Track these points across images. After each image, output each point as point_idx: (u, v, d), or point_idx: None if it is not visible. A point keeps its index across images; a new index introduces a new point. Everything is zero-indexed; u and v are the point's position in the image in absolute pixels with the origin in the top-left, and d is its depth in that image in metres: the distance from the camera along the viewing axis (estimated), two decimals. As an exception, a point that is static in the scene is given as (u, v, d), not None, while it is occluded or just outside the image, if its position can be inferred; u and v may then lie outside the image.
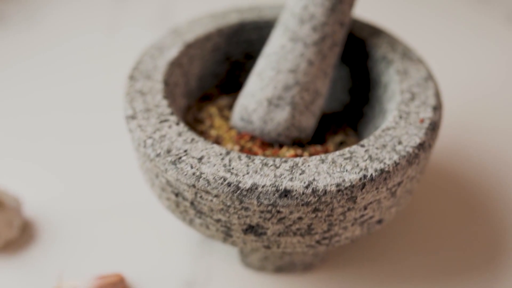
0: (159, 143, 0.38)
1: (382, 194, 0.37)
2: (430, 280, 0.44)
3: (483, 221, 0.48)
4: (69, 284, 0.43)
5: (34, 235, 0.48)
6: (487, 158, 0.54)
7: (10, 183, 0.50)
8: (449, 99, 0.56)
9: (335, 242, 0.39)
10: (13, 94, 0.61)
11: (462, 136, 0.56)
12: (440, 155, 0.54)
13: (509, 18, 0.72)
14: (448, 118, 0.56)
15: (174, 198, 0.38)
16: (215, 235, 0.39)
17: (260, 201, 0.35)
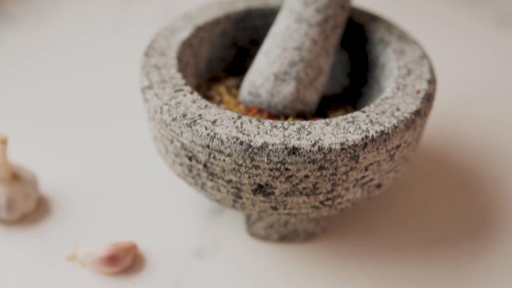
0: (175, 108, 0.40)
1: (381, 156, 0.40)
2: (422, 250, 0.47)
3: (472, 198, 0.51)
4: (85, 250, 0.45)
5: (49, 209, 0.50)
6: (475, 143, 0.57)
7: (26, 161, 0.52)
8: (441, 93, 0.59)
9: (338, 204, 0.41)
10: (26, 86, 0.64)
11: (453, 125, 0.60)
12: (432, 141, 0.57)
13: (498, 22, 0.76)
14: (440, 109, 0.60)
15: (187, 163, 0.41)
16: (226, 198, 0.41)
17: (270, 159, 0.38)
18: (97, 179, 0.52)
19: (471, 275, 0.45)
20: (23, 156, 0.52)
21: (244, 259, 0.46)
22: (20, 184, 0.48)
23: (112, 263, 0.44)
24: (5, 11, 0.76)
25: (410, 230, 0.48)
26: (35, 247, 0.47)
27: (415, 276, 0.45)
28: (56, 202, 0.50)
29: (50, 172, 0.52)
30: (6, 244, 0.47)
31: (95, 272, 0.45)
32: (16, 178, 0.48)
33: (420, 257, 0.46)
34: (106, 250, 0.44)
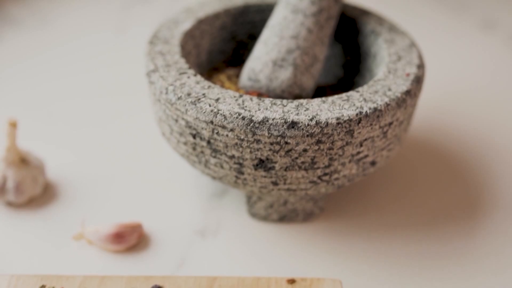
0: (179, 89, 0.43)
1: (375, 132, 0.42)
2: (415, 229, 0.49)
3: (460, 182, 0.54)
4: (91, 229, 0.47)
5: (55, 194, 0.52)
6: (462, 134, 0.60)
7: (34, 149, 0.54)
8: (430, 90, 0.62)
9: (335, 179, 0.44)
10: (32, 83, 0.66)
11: (441, 118, 0.63)
12: (423, 132, 0.60)
13: (483, 25, 0.80)
14: (429, 104, 0.63)
15: (191, 141, 0.43)
16: (228, 175, 0.44)
17: (271, 133, 0.40)
18: (102, 166, 0.55)
19: (461, 250, 0.47)
20: (30, 145, 0.54)
21: (245, 238, 0.48)
22: (28, 168, 0.50)
23: (118, 241, 0.46)
24: (9, 14, 0.79)
25: (403, 211, 0.51)
26: (43, 228, 0.49)
27: (409, 252, 0.47)
28: (62, 187, 0.52)
29: (56, 159, 0.54)
30: (15, 225, 0.49)
31: (102, 250, 0.47)
32: (24, 162, 0.50)
33: (413, 235, 0.48)
34: (113, 228, 0.46)
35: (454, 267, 0.46)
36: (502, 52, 0.75)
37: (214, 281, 0.43)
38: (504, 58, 0.74)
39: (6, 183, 0.49)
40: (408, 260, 0.47)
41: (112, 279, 0.43)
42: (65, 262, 0.46)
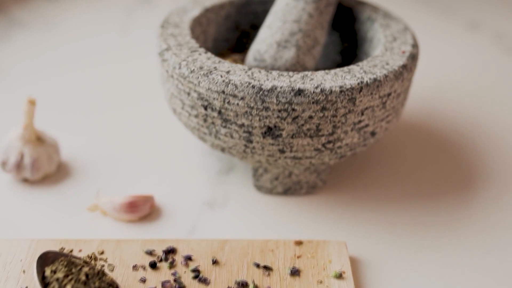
0: (192, 63, 0.46)
1: (375, 102, 0.45)
2: (413, 200, 0.52)
3: (455, 159, 0.57)
4: (106, 199, 0.49)
5: (69, 172, 0.54)
6: (452, 118, 0.64)
7: (48, 130, 0.57)
8: (422, 81, 0.66)
9: (338, 148, 0.46)
10: (39, 78, 0.69)
11: (432, 105, 0.66)
12: (416, 117, 0.64)
13: (470, 26, 0.84)
14: (421, 94, 0.66)
15: (203, 112, 0.46)
16: (237, 144, 0.46)
17: (279, 100, 0.43)
18: (113, 148, 0.57)
19: (455, 219, 0.50)
20: (44, 123, 0.56)
21: (252, 209, 0.51)
22: (43, 146, 0.52)
23: (131, 210, 0.48)
24: (15, 17, 0.82)
25: (401, 185, 0.54)
26: (58, 202, 0.51)
27: (407, 220, 0.50)
28: (75, 166, 0.54)
29: (69, 142, 0.56)
30: (31, 200, 0.51)
31: (116, 221, 0.49)
32: (40, 140, 0.52)
33: (410, 206, 0.51)
34: (126, 198, 0.48)
35: (449, 233, 0.49)
36: (488, 48, 0.79)
37: (225, 244, 0.45)
38: (489, 54, 0.78)
39: (23, 160, 0.51)
40: (406, 227, 0.49)
41: (128, 242, 0.45)
42: (80, 231, 0.48)
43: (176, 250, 0.44)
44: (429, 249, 0.47)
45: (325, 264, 0.44)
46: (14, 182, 0.52)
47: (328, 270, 0.43)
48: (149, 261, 0.43)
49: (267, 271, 0.43)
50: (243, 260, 0.44)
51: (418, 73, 0.67)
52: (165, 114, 0.61)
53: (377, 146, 0.59)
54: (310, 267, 0.43)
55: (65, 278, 0.39)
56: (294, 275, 0.43)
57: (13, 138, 0.52)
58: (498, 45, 0.80)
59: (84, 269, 0.40)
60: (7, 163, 0.52)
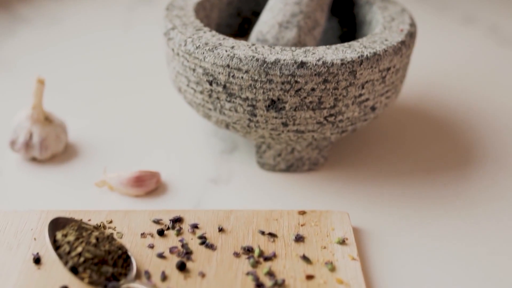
0: (197, 40, 0.47)
1: (375, 75, 0.47)
2: (413, 176, 0.53)
3: (450, 137, 0.59)
4: (113, 174, 0.50)
5: (77, 152, 0.55)
6: (447, 101, 0.65)
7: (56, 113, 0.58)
8: (419, 72, 0.68)
9: (339, 121, 0.48)
10: (46, 70, 0.70)
11: (429, 91, 0.68)
12: (413, 100, 0.65)
13: (464, 20, 0.87)
14: (419, 80, 0.68)
15: (208, 88, 0.47)
16: (242, 118, 0.47)
17: (282, 72, 0.44)
18: (118, 130, 0.58)
19: (455, 194, 0.51)
20: (52, 106, 0.58)
21: (255, 185, 0.52)
22: (52, 126, 0.54)
23: (138, 184, 0.49)
24: (19, 14, 0.83)
25: (400, 162, 0.55)
26: (66, 179, 0.52)
27: (407, 194, 0.51)
28: (83, 146, 0.56)
29: (75, 125, 0.58)
30: (40, 177, 0.52)
31: (123, 196, 0.50)
32: (48, 120, 0.54)
33: (410, 181, 0.53)
34: (133, 173, 0.50)
35: (447, 205, 0.50)
36: (482, 41, 0.81)
37: (231, 213, 0.46)
38: (484, 46, 0.80)
39: (31, 139, 0.53)
40: (406, 200, 0.50)
41: (135, 212, 0.46)
42: (89, 205, 0.49)
43: (183, 219, 0.45)
44: (427, 220, 0.48)
45: (328, 232, 0.45)
46: (23, 161, 0.54)
47: (331, 237, 0.44)
48: (157, 229, 0.44)
49: (272, 237, 0.44)
50: (248, 228, 0.45)
51: (416, 63, 0.69)
52: (168, 100, 0.62)
53: (377, 127, 0.60)
54: (314, 234, 0.45)
55: (76, 241, 0.40)
56: (298, 241, 0.44)
57: (22, 118, 0.53)
58: (493, 37, 0.82)
59: (94, 233, 0.41)
60: (16, 142, 0.53)
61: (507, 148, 0.58)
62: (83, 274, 0.38)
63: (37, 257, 0.41)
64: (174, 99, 0.63)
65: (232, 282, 0.40)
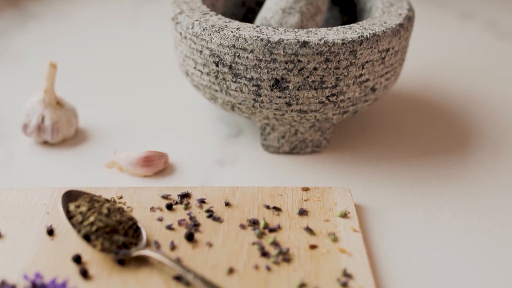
0: (204, 22, 0.49)
1: (374, 56, 0.48)
2: (412, 158, 0.55)
3: (447, 123, 0.61)
4: (123, 155, 0.51)
5: (86, 136, 0.57)
6: (446, 90, 0.67)
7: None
8: (419, 63, 0.70)
9: (340, 101, 0.49)
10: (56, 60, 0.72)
11: (428, 80, 0.69)
12: (413, 89, 0.67)
13: (462, 16, 0.88)
14: (417, 72, 0.70)
15: (214, 69, 0.49)
16: (247, 98, 0.49)
17: (285, 51, 0.46)
18: (127, 116, 0.60)
19: (453, 174, 0.53)
20: (64, 94, 0.59)
21: (260, 166, 0.53)
22: (63, 110, 0.55)
23: (147, 164, 0.51)
24: (29, 10, 0.86)
25: (401, 145, 0.57)
26: (77, 161, 0.54)
27: (407, 174, 0.52)
28: (93, 131, 0.57)
29: (85, 112, 0.59)
30: (51, 159, 0.54)
31: (132, 176, 0.51)
32: (59, 104, 0.55)
33: (410, 163, 0.54)
34: (142, 153, 0.51)
35: (445, 184, 0.51)
36: (481, 35, 0.83)
37: (236, 190, 0.47)
38: (482, 39, 0.82)
39: (43, 123, 0.54)
40: (406, 179, 0.52)
41: (145, 189, 0.47)
42: (99, 185, 0.50)
43: (191, 195, 0.47)
44: (425, 197, 0.50)
45: (331, 206, 0.46)
46: (35, 144, 0.55)
47: (333, 211, 0.46)
48: (165, 204, 0.46)
49: (277, 211, 0.46)
50: (253, 203, 0.46)
51: (416, 56, 0.71)
52: (174, 89, 0.64)
53: (378, 113, 0.62)
54: (317, 209, 0.46)
55: (88, 211, 0.41)
56: (302, 214, 0.45)
57: (34, 102, 0.55)
58: (490, 32, 0.84)
59: (106, 205, 0.42)
60: (29, 126, 0.54)
61: (502, 133, 0.60)
62: (95, 242, 0.40)
63: (50, 229, 0.43)
64: (180, 88, 0.64)
65: (239, 251, 0.42)
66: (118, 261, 0.40)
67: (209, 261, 0.41)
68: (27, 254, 0.41)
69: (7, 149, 0.55)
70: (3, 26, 0.82)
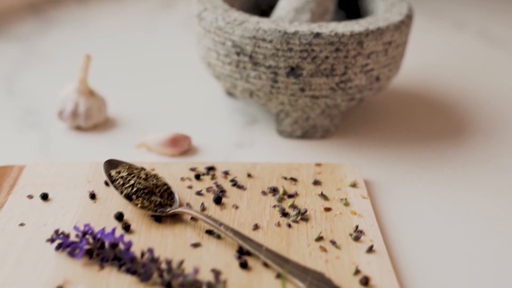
0: (227, 17, 0.55)
1: (379, 47, 0.54)
2: (413, 144, 0.60)
3: (445, 114, 0.67)
4: (151, 136, 0.56)
5: (116, 123, 0.62)
6: (444, 86, 0.73)
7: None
8: (416, 69, 0.76)
9: (348, 88, 0.55)
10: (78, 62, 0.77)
11: (428, 79, 0.76)
12: (414, 86, 0.73)
13: (456, 27, 0.95)
14: (417, 73, 0.76)
15: (236, 59, 0.55)
16: (265, 85, 0.55)
17: (301, 41, 0.52)
18: (153, 106, 0.66)
19: (452, 156, 0.59)
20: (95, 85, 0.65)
21: (275, 149, 0.59)
22: (95, 98, 0.61)
23: (174, 144, 0.56)
24: (51, 17, 0.92)
25: (403, 131, 0.63)
26: (108, 144, 0.59)
27: (411, 157, 0.58)
28: (121, 119, 0.63)
29: (111, 105, 0.65)
30: (84, 142, 0.59)
31: (160, 155, 0.56)
32: (92, 94, 0.61)
33: (413, 146, 0.60)
34: (169, 134, 0.56)
35: (445, 164, 0.57)
36: (473, 43, 0.90)
37: (256, 165, 0.53)
38: (474, 47, 0.89)
39: (77, 109, 0.59)
40: (409, 160, 0.58)
41: (174, 163, 0.53)
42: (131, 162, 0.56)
43: (216, 167, 0.52)
44: (424, 175, 0.56)
45: (342, 178, 0.52)
46: (69, 129, 0.61)
47: (344, 182, 0.51)
48: (194, 174, 0.51)
49: (293, 181, 0.51)
50: (272, 175, 0.52)
51: (412, 60, 0.77)
52: (190, 86, 0.71)
53: (382, 105, 0.68)
54: (329, 180, 0.51)
55: (128, 176, 0.46)
56: (316, 184, 0.51)
57: (70, 91, 0.60)
58: (482, 40, 0.91)
59: (143, 171, 0.48)
60: (64, 112, 0.60)
61: (491, 122, 0.66)
62: (136, 201, 0.45)
63: (93, 193, 0.48)
64: (196, 87, 0.71)
65: (262, 212, 0.47)
66: (156, 218, 0.45)
67: (236, 220, 0.46)
68: (74, 213, 0.46)
69: (45, 133, 0.60)
70: (27, 31, 0.88)
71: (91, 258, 0.41)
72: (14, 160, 0.55)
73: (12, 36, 0.86)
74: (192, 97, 0.69)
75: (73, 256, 0.42)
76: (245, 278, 0.41)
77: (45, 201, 0.48)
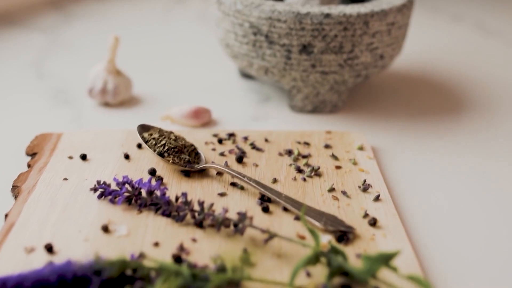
0: (245, 1, 0.60)
1: (383, 27, 0.60)
2: (417, 118, 0.66)
3: (444, 94, 0.72)
4: (175, 109, 0.62)
5: (141, 100, 0.67)
6: (442, 73, 0.78)
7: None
8: (416, 57, 0.82)
9: (355, 65, 0.60)
10: (99, 49, 0.83)
11: (428, 65, 0.81)
12: (415, 71, 0.78)
13: (453, 19, 1.01)
14: (417, 60, 0.81)
15: (253, 38, 0.60)
16: (279, 62, 0.60)
17: (312, 21, 0.57)
18: (176, 87, 0.72)
19: (450, 130, 0.64)
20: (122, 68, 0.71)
21: (288, 121, 0.65)
22: (122, 77, 0.66)
23: (196, 116, 0.61)
24: (70, 12, 0.97)
25: (406, 108, 0.68)
26: (135, 118, 0.64)
27: (412, 130, 0.64)
28: (146, 97, 0.68)
29: (135, 85, 0.70)
30: (113, 116, 0.64)
31: (183, 126, 0.62)
32: (119, 73, 0.66)
33: (415, 121, 0.65)
34: (191, 107, 0.62)
35: (444, 135, 0.63)
36: (470, 35, 0.96)
37: (272, 132, 0.58)
38: (472, 38, 0.95)
39: (106, 86, 0.65)
40: (411, 132, 0.63)
41: (198, 130, 0.58)
42: (155, 134, 0.61)
43: (235, 134, 0.58)
44: (425, 144, 0.61)
45: (350, 143, 0.57)
46: (98, 106, 0.66)
47: (352, 146, 0.57)
48: (217, 139, 0.56)
49: (307, 145, 0.56)
50: (287, 140, 0.57)
51: (413, 50, 0.83)
52: (205, 73, 0.77)
53: (387, 84, 0.74)
54: (339, 144, 0.57)
55: (160, 137, 0.52)
56: (327, 147, 0.56)
57: (99, 70, 0.66)
58: (479, 32, 0.97)
59: (172, 134, 0.53)
60: (94, 89, 0.65)
61: (486, 101, 0.71)
62: (167, 158, 0.50)
63: (127, 154, 0.53)
64: (213, 71, 0.77)
65: (279, 169, 0.52)
66: (185, 174, 0.50)
67: (256, 175, 0.51)
68: (111, 170, 0.51)
69: (77, 108, 0.66)
70: (50, 23, 0.94)
71: (130, 204, 0.47)
72: (50, 131, 0.61)
73: (36, 27, 0.92)
74: (209, 79, 0.75)
75: (114, 203, 0.47)
76: (267, 220, 0.46)
77: (84, 161, 0.53)
